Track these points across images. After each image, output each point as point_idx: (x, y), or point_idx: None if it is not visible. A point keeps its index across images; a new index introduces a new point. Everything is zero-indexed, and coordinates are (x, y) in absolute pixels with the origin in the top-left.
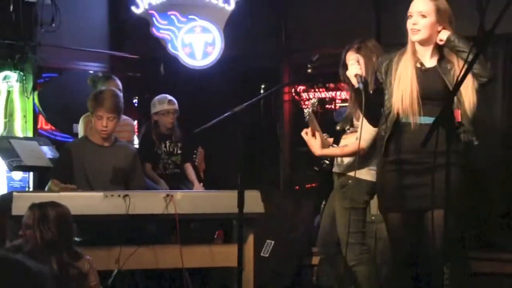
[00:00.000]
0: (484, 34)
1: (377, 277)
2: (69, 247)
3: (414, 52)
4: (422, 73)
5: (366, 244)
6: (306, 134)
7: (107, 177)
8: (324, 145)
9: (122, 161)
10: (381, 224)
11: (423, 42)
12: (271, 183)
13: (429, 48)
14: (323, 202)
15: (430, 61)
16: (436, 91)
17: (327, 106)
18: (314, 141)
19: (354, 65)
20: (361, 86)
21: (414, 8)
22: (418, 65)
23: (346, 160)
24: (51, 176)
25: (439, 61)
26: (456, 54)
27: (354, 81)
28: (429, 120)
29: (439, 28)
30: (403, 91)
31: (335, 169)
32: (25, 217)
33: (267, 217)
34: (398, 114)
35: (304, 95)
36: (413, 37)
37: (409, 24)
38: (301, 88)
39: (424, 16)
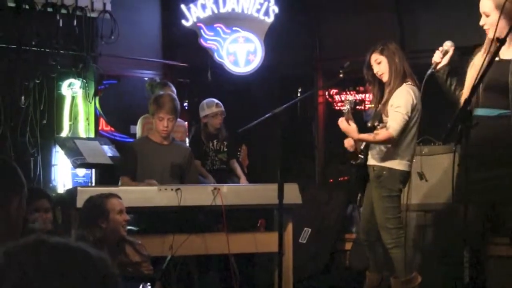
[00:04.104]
0: (499, 41)
1: (409, 260)
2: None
3: (487, 48)
4: (495, 63)
5: (402, 229)
6: (342, 122)
7: (166, 172)
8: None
9: (179, 158)
10: (407, 213)
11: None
12: (307, 176)
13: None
14: (359, 194)
15: (507, 53)
16: (499, 84)
17: (357, 107)
18: (350, 127)
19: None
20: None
21: (480, 9)
22: (497, 59)
23: (380, 153)
24: (121, 174)
25: None
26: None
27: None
28: (486, 112)
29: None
30: (468, 83)
31: (370, 162)
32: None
33: (304, 207)
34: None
35: (337, 97)
36: (488, 35)
37: (480, 23)
38: (333, 91)
39: (487, 15)
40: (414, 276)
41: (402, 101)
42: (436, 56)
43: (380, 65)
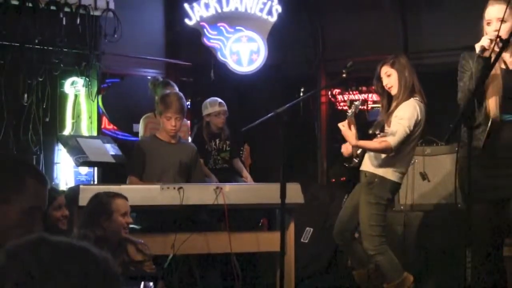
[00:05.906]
0: (502, 41)
1: (400, 262)
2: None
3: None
4: (507, 73)
5: (385, 237)
6: (343, 126)
7: (174, 171)
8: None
9: (186, 157)
10: (409, 213)
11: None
12: (310, 176)
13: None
14: (345, 196)
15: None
16: None
17: (359, 107)
18: (350, 132)
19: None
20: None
21: (492, 15)
22: (503, 66)
23: (375, 160)
24: (129, 173)
25: None
26: None
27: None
28: (510, 117)
29: None
30: (490, 92)
31: (363, 167)
32: (121, 205)
33: (306, 207)
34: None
35: (339, 97)
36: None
37: (490, 30)
38: (336, 91)
39: (504, 21)
40: (406, 277)
41: (406, 114)
42: (485, 41)
43: (389, 77)
